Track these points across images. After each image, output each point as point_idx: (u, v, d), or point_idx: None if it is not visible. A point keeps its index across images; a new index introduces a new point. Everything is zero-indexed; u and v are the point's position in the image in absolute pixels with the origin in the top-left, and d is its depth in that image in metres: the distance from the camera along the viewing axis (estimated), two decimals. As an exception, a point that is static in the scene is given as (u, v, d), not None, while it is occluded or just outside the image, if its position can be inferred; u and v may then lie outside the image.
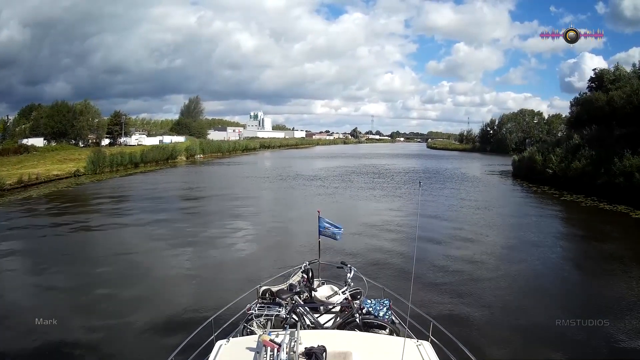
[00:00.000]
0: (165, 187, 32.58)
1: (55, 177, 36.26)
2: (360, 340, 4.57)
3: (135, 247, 15.05)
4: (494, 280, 11.39)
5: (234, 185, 33.49)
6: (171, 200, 26.45)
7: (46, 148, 53.80)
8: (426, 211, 20.51)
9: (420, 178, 37.92)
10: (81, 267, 12.70)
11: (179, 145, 66.45)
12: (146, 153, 52.46)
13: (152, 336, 8.25)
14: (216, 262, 13.21)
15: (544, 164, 32.24)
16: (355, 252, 13.40)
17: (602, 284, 11.25)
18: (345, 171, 44.82)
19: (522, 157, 38.83)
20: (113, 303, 9.86)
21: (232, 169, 50.08)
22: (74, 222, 19.03)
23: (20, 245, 15.61)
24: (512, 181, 36.21)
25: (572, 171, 28.51)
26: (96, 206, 24.25)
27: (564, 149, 32.07)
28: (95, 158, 43.34)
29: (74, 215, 20.54)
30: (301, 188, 30.73)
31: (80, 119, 61.78)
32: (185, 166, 55.17)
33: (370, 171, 45.23)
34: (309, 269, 6.67)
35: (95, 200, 26.43)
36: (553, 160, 31.27)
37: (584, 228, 18.69)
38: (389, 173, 43.00)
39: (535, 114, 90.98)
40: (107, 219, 19.89)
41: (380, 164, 55.84)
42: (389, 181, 35.42)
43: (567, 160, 29.68)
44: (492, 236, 16.59)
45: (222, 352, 4.27)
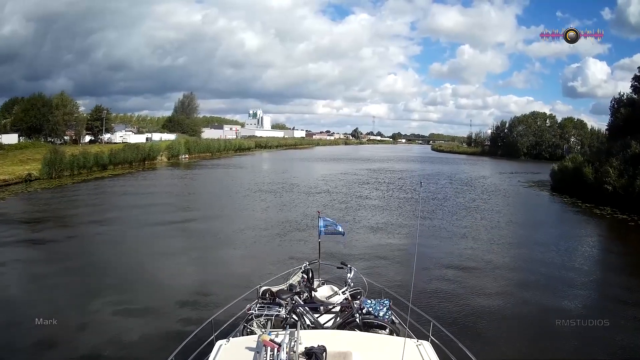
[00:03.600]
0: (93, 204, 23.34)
1: (2, 182, 28.77)
2: (360, 340, 4.57)
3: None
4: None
5: (195, 201, 25.39)
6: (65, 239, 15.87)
7: (14, 145, 45.38)
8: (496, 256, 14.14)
9: (455, 193, 29.59)
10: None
11: (158, 144, 58.02)
12: (115, 154, 44.19)
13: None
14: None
15: (596, 177, 26.11)
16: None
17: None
18: (354, 180, 35.93)
19: (563, 167, 32.65)
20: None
21: (215, 174, 42.05)
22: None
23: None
24: (558, 198, 28.71)
25: (638, 188, 22.66)
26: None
27: (620, 159, 25.84)
28: (51, 159, 34.73)
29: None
30: (297, 210, 21.13)
31: (56, 113, 53.62)
32: (163, 169, 47.54)
33: (385, 181, 36.08)
34: (309, 269, 6.68)
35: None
36: (611, 174, 24.92)
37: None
38: (410, 185, 33.86)
39: (548, 117, 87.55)
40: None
41: (393, 170, 48.66)
42: (418, 199, 25.54)
43: (629, 175, 24.00)
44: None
45: (222, 352, 4.27)
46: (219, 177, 39.54)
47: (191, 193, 29.37)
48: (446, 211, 22.04)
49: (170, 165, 51.83)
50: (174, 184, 34.53)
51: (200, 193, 29.28)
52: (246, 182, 33.78)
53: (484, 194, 30.08)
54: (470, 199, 26.95)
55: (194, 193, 29.42)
